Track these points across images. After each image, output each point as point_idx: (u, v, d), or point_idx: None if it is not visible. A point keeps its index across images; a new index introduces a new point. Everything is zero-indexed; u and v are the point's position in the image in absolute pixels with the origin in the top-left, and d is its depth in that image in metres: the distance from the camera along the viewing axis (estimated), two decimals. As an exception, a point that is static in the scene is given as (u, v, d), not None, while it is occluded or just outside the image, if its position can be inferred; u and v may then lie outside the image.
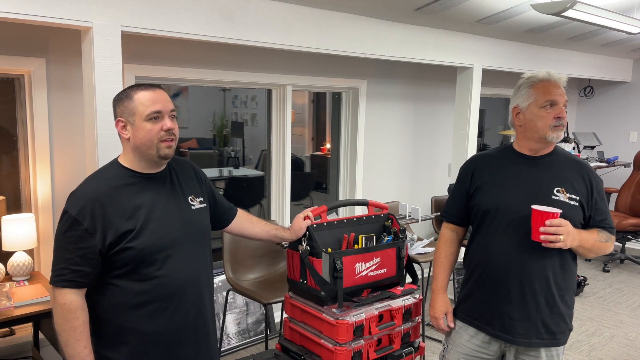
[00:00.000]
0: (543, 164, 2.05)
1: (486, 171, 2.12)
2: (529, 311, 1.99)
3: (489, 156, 2.18)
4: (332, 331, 2.11)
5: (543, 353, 2.02)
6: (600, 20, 3.48)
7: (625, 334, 4.24)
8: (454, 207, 2.23)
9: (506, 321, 2.02)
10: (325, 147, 8.58)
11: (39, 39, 2.97)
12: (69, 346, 1.68)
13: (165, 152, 1.75)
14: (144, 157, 1.77)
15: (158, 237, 1.74)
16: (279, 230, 2.24)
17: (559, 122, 1.97)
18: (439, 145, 5.33)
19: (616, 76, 6.23)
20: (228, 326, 3.78)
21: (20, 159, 3.14)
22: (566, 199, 1.98)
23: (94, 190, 1.72)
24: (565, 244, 1.88)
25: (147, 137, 1.73)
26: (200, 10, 2.77)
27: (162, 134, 1.73)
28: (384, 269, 2.29)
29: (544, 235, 1.86)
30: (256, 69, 3.82)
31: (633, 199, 5.89)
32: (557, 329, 2.02)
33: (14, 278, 2.94)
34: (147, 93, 1.74)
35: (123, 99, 1.76)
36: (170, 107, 1.77)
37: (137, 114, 1.73)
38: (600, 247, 2.02)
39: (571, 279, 2.06)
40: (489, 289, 2.05)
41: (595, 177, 2.06)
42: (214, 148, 8.95)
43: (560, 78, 2.02)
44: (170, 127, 1.74)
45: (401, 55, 3.84)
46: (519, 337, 2.01)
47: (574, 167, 2.05)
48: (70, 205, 1.70)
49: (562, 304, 2.02)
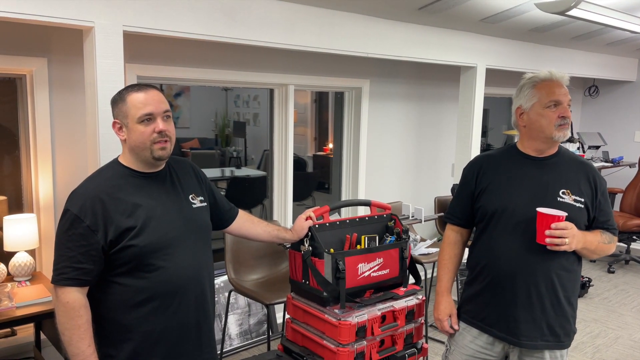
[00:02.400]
0: (548, 165, 2.03)
1: (491, 172, 2.10)
2: (534, 313, 1.98)
3: (493, 157, 2.16)
4: (334, 332, 2.10)
5: (547, 355, 2.01)
6: (604, 19, 3.46)
7: (630, 335, 4.21)
8: (459, 209, 2.21)
9: (511, 323, 2.01)
10: (327, 147, 8.58)
11: (41, 39, 2.97)
12: (72, 345, 1.67)
13: (159, 153, 1.76)
14: (140, 158, 1.78)
15: (159, 234, 1.75)
16: (281, 231, 2.23)
17: (564, 121, 1.96)
18: (442, 145, 5.31)
19: (621, 75, 6.20)
20: (230, 327, 3.77)
21: (22, 159, 3.14)
22: (571, 201, 1.97)
23: (94, 188, 1.73)
24: (570, 246, 1.88)
25: (140, 140, 1.73)
26: (202, 9, 2.76)
27: (154, 136, 1.73)
28: (387, 269, 2.28)
29: (549, 239, 1.85)
30: (258, 69, 3.81)
31: (638, 199, 5.86)
32: (561, 331, 2.01)
33: (16, 278, 2.93)
34: (139, 95, 1.74)
35: (117, 101, 1.78)
36: (163, 108, 1.76)
37: (129, 116, 1.74)
38: (604, 249, 2.01)
39: (576, 281, 2.05)
40: (495, 291, 2.04)
41: (600, 177, 2.05)
42: (216, 148, 8.96)
43: (562, 77, 2.01)
44: (162, 129, 1.74)
45: (404, 55, 3.83)
46: (524, 339, 2.00)
47: (579, 168, 2.04)
48: (71, 204, 1.71)
49: (567, 306, 2.01)
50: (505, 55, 4.63)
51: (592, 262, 6.04)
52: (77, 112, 3.11)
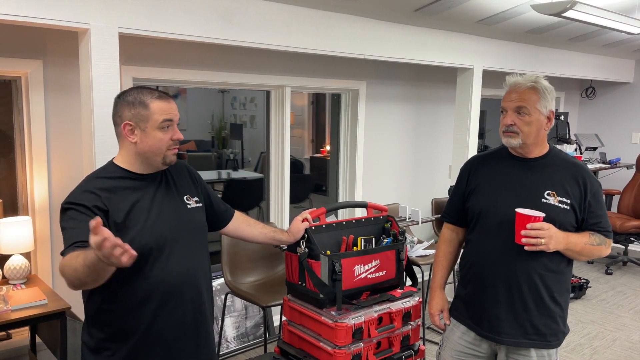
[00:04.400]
0: (536, 166, 2.05)
1: (481, 173, 2.14)
2: (516, 312, 2.01)
3: (484, 158, 2.21)
4: (331, 334, 2.10)
5: (534, 353, 2.04)
6: (600, 20, 3.46)
7: (628, 336, 4.21)
8: (452, 208, 2.26)
9: (494, 321, 2.04)
10: (324, 149, 8.58)
11: (36, 41, 2.96)
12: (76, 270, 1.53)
13: (171, 159, 1.83)
14: (147, 161, 1.81)
15: (154, 235, 1.76)
16: (277, 233, 2.23)
17: (508, 129, 2.00)
18: (439, 147, 5.31)
19: (618, 77, 6.21)
20: (227, 330, 3.75)
21: (17, 162, 3.13)
22: (556, 202, 1.98)
23: (91, 186, 1.75)
24: (548, 247, 1.89)
25: (156, 145, 1.78)
26: (199, 11, 2.75)
27: (170, 142, 1.79)
28: (383, 271, 2.28)
29: (525, 239, 1.88)
30: (255, 71, 3.81)
31: (636, 200, 5.86)
32: (547, 330, 2.02)
33: (11, 281, 2.92)
34: (162, 104, 1.78)
35: (136, 104, 1.76)
36: (179, 117, 1.83)
37: (150, 121, 1.76)
38: (592, 250, 2.01)
39: (563, 281, 2.05)
40: (478, 290, 2.09)
41: (591, 179, 2.03)
42: (212, 150, 8.95)
43: (516, 82, 2.02)
44: (180, 137, 1.82)
45: (401, 56, 3.83)
46: (506, 336, 2.03)
47: (569, 170, 2.04)
48: (69, 199, 1.72)
49: (553, 306, 2.02)
50: (502, 56, 4.63)
51: (590, 263, 6.04)
52: (73, 115, 3.10)
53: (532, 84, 1.99)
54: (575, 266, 5.92)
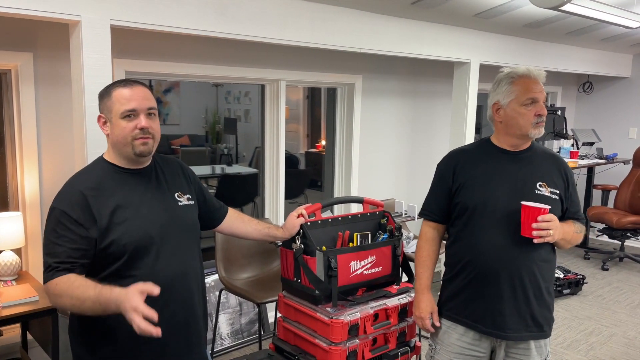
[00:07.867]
0: (524, 159, 2.08)
1: (469, 167, 2.11)
2: (519, 306, 2.01)
3: (469, 152, 2.18)
4: (326, 331, 2.09)
5: (532, 345, 2.05)
6: (598, 14, 3.44)
7: (624, 332, 4.20)
8: (435, 205, 2.19)
9: (497, 317, 2.02)
10: (320, 144, 8.54)
11: (26, 33, 2.91)
12: (84, 302, 1.59)
13: (140, 149, 1.74)
14: (122, 154, 1.77)
15: (143, 232, 1.73)
16: (272, 229, 2.21)
17: (540, 119, 2.01)
18: (435, 141, 5.29)
19: (615, 71, 6.20)
20: (221, 326, 3.73)
21: (7, 156, 3.09)
22: (548, 193, 2.03)
23: (79, 184, 1.73)
24: (554, 237, 1.93)
25: (121, 135, 1.73)
26: (192, 3, 2.71)
27: (136, 132, 1.73)
28: (379, 267, 2.26)
29: (536, 232, 1.88)
30: (249, 64, 3.77)
31: (632, 196, 5.85)
32: (544, 320, 2.05)
33: (1, 278, 2.88)
34: (124, 90, 1.73)
35: (104, 95, 1.78)
36: (147, 105, 1.75)
37: (113, 111, 1.73)
38: (577, 238, 2.08)
39: (553, 270, 2.13)
40: (480, 287, 2.05)
41: (569, 170, 2.13)
42: (206, 145, 8.91)
43: (539, 74, 2.05)
44: (144, 125, 1.73)
45: (397, 50, 3.80)
46: (510, 332, 2.02)
47: (552, 161, 2.11)
48: (57, 202, 1.71)
49: (547, 296, 2.07)
50: (499, 50, 4.61)
51: (587, 259, 6.04)
52: (64, 108, 3.06)
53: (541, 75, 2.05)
54: (572, 262, 5.93)
